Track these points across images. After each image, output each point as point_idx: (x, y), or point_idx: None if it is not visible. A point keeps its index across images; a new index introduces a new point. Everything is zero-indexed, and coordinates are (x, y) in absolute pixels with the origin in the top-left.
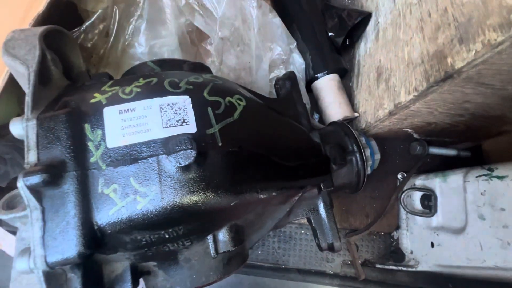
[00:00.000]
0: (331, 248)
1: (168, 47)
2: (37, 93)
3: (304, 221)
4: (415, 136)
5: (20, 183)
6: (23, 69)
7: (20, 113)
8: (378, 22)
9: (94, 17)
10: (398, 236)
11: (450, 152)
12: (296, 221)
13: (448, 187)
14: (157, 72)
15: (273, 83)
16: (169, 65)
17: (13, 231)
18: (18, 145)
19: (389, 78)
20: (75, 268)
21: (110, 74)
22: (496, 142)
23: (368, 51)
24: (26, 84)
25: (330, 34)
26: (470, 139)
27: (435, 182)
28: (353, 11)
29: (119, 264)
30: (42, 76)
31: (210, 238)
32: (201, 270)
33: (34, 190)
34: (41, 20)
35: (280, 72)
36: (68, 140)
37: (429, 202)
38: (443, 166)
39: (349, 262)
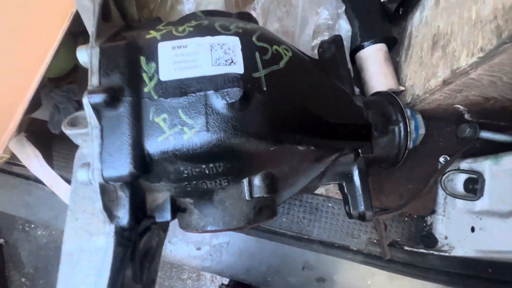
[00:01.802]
0: (361, 217)
1: (214, 5)
2: (100, 25)
3: (332, 194)
4: (466, 116)
5: (85, 100)
6: (88, 2)
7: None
8: None
9: None
10: (432, 221)
11: (505, 138)
12: (324, 193)
13: (501, 169)
14: (208, 16)
15: (315, 51)
16: (217, 15)
17: (62, 175)
18: (71, 96)
19: (448, 44)
20: (125, 188)
21: (162, 19)
22: None
23: (424, 19)
24: (91, 17)
25: (382, 0)
26: None
27: (485, 165)
28: None
29: (161, 194)
30: (104, 12)
31: (245, 181)
32: (234, 213)
33: (95, 109)
34: None
35: (324, 39)
36: (126, 69)
37: (474, 186)
38: (492, 152)
39: (375, 241)
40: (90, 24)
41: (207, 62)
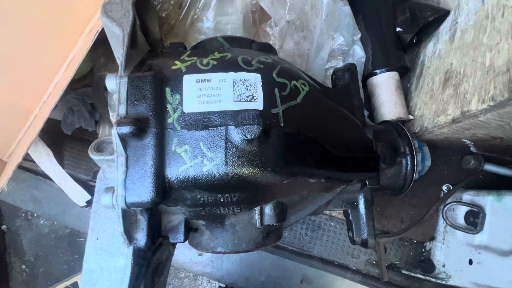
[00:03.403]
0: (364, 244)
1: (232, 24)
2: (129, 55)
3: (335, 213)
4: (472, 149)
5: (114, 131)
6: (119, 31)
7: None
8: (457, 22)
9: None
10: (431, 247)
11: (510, 172)
12: (327, 212)
13: (503, 207)
14: (230, 48)
15: (328, 73)
16: (238, 42)
17: (72, 174)
18: (85, 100)
19: (460, 84)
20: (144, 212)
21: (185, 45)
22: None
23: (438, 52)
24: (119, 44)
25: (398, 29)
26: None
27: (487, 200)
28: (428, 7)
29: (176, 217)
30: (132, 39)
31: (257, 209)
32: (243, 237)
33: (122, 139)
34: None
35: (338, 63)
36: (152, 100)
37: (475, 219)
38: (495, 185)
39: (374, 262)
40: (117, 50)
41: (229, 97)
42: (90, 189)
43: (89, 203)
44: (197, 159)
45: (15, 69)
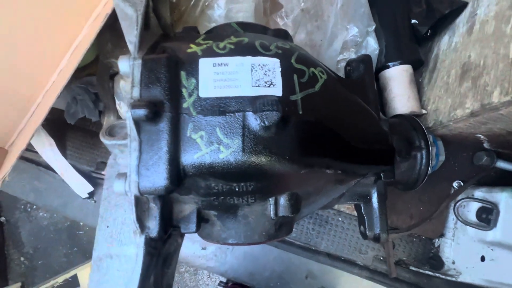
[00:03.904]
0: (376, 239)
1: (244, 13)
2: (142, 36)
3: (343, 208)
4: (486, 145)
5: (128, 114)
6: (132, 11)
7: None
8: (476, 14)
9: None
10: (440, 243)
11: None
12: (335, 207)
13: None
14: (246, 33)
15: (340, 65)
16: (252, 29)
17: (74, 165)
18: (89, 89)
19: (479, 76)
20: (157, 200)
21: (198, 29)
22: None
23: (454, 45)
24: (132, 26)
25: (413, 21)
26: None
27: (501, 197)
28: None
29: (188, 206)
30: (145, 21)
31: (272, 200)
32: (256, 228)
33: (136, 123)
34: None
35: (350, 55)
36: (167, 83)
37: (488, 216)
38: (508, 182)
39: (382, 258)
40: (129, 32)
41: (247, 82)
42: (92, 180)
43: (91, 194)
44: (213, 145)
45: (17, 55)
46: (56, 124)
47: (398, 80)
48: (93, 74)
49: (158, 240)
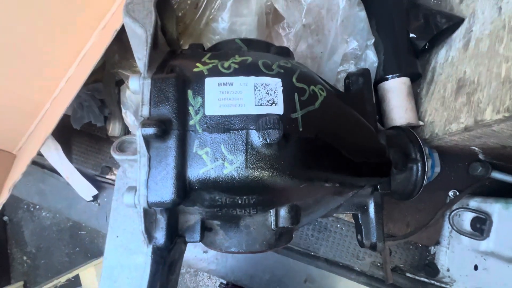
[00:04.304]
0: (373, 247)
1: (247, 26)
2: (152, 55)
3: (342, 215)
4: (481, 156)
5: (138, 132)
6: (141, 31)
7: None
8: (471, 31)
9: None
10: (435, 251)
11: None
12: (334, 214)
13: (511, 215)
14: (249, 51)
15: (340, 76)
16: (256, 45)
17: (80, 169)
18: (95, 95)
19: (473, 93)
20: (164, 212)
21: (204, 46)
22: None
23: (450, 59)
24: (141, 45)
25: (411, 35)
26: None
27: (495, 208)
28: (442, 14)
29: (192, 216)
30: (154, 40)
31: (272, 212)
32: (257, 238)
33: (146, 140)
34: None
35: (350, 67)
36: (175, 102)
37: (481, 226)
38: (501, 193)
39: (379, 264)
40: (139, 50)
41: (250, 101)
42: (97, 184)
43: (95, 198)
44: (218, 161)
45: (25, 62)
46: (62, 129)
47: (396, 92)
48: (100, 80)
49: (164, 249)
